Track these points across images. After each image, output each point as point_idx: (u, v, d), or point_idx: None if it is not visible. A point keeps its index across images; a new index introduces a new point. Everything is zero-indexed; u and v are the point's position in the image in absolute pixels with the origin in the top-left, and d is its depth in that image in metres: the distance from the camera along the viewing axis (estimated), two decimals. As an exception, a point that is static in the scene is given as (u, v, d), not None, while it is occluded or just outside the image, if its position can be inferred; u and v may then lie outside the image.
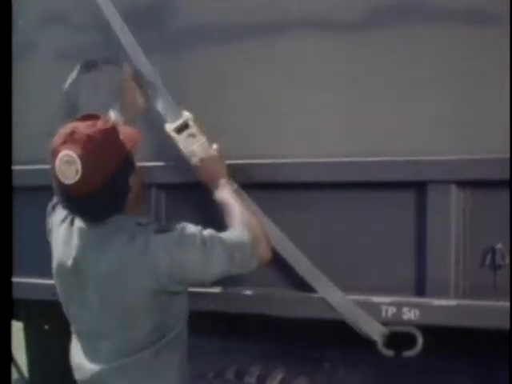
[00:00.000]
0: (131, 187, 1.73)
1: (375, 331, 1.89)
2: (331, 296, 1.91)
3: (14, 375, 2.73)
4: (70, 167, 1.61)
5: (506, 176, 1.74)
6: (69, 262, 1.75)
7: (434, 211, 1.83)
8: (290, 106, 1.99)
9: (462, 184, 1.82)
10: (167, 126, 1.99)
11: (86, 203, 1.67)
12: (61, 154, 1.62)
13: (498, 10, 1.79)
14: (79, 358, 1.81)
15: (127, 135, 1.72)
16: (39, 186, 2.09)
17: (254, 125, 2.03)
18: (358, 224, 1.93)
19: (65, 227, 1.80)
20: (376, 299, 1.88)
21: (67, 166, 1.61)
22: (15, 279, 2.27)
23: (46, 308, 2.30)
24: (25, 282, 2.30)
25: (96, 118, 1.69)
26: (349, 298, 1.90)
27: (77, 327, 1.82)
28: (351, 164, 1.91)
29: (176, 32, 2.13)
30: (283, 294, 1.99)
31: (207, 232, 1.70)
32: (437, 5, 1.84)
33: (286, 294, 1.99)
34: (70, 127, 1.66)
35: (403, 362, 1.92)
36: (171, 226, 1.70)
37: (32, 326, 2.93)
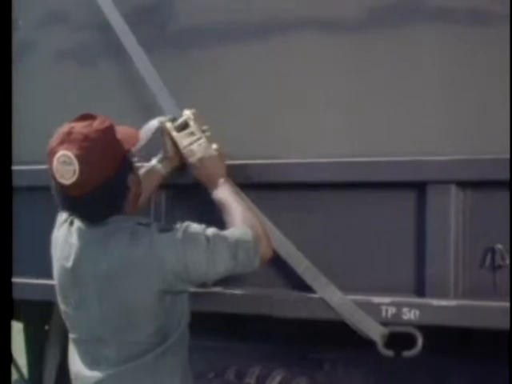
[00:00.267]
0: (130, 187, 1.72)
1: (375, 331, 1.88)
2: (331, 296, 1.91)
3: (14, 376, 2.74)
4: (67, 167, 1.61)
5: (506, 176, 1.74)
6: (68, 263, 1.74)
7: (434, 211, 1.83)
8: (290, 106, 1.99)
9: (462, 184, 1.82)
10: (167, 124, 1.98)
11: (84, 203, 1.66)
12: (58, 155, 1.62)
13: (498, 10, 1.79)
14: (78, 366, 1.78)
15: (126, 135, 1.72)
16: (39, 186, 2.08)
17: (253, 125, 2.03)
18: (358, 224, 1.93)
19: (65, 228, 1.80)
20: (376, 299, 1.88)
21: (64, 166, 1.61)
22: (15, 279, 2.26)
23: (46, 308, 2.30)
24: (25, 283, 2.30)
25: (93, 118, 1.68)
26: (348, 298, 1.90)
27: (76, 334, 1.79)
28: (351, 164, 1.91)
29: (176, 32, 2.13)
30: (283, 295, 1.99)
31: (211, 230, 1.70)
32: (437, 5, 1.84)
33: (285, 295, 1.99)
34: (66, 127, 1.66)
35: (403, 363, 1.92)
36: (175, 225, 1.69)
37: (32, 327, 2.94)
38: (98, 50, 2.24)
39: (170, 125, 1.97)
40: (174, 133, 1.96)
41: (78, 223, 1.75)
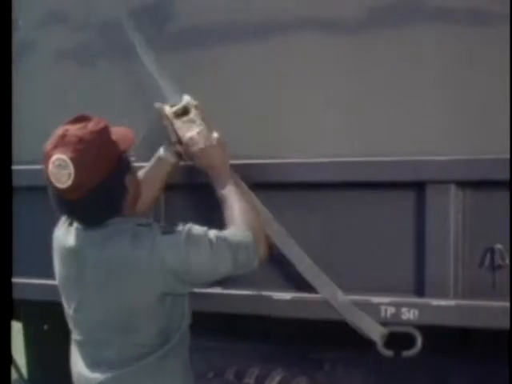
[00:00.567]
0: (128, 188, 1.71)
1: (374, 331, 1.88)
2: (331, 295, 1.91)
3: (14, 375, 2.73)
4: (62, 171, 1.60)
5: (505, 176, 1.74)
6: (68, 265, 1.74)
7: (434, 211, 1.83)
8: (290, 106, 1.99)
9: (462, 184, 1.82)
10: (166, 109, 1.91)
11: (81, 207, 1.65)
12: (53, 158, 1.61)
13: (498, 10, 1.79)
14: (79, 367, 1.78)
15: (121, 135, 1.70)
16: (39, 186, 2.07)
17: (253, 125, 2.03)
18: (358, 224, 1.93)
19: (64, 229, 1.79)
20: (375, 299, 1.88)
21: (59, 169, 1.60)
22: (15, 279, 2.26)
23: (46, 308, 2.30)
24: (25, 283, 2.29)
25: (88, 120, 1.67)
26: (348, 298, 1.90)
27: (77, 335, 1.79)
28: (351, 164, 1.91)
29: (176, 32, 2.13)
30: (283, 295, 1.99)
31: (213, 233, 1.69)
32: (437, 5, 1.84)
33: (285, 295, 1.99)
34: (61, 130, 1.65)
35: (403, 363, 1.92)
36: (177, 227, 1.68)
37: (32, 327, 2.94)
38: (98, 50, 2.24)
39: (169, 109, 1.91)
40: (173, 119, 1.90)
41: (77, 227, 1.74)
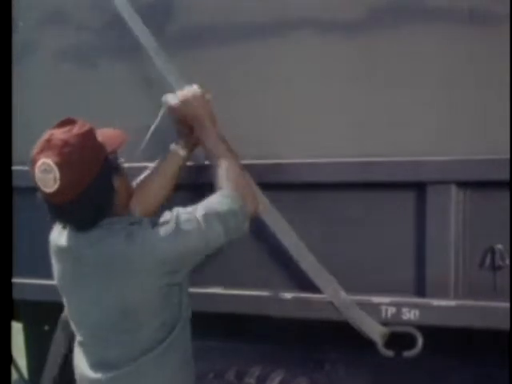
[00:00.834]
0: (116, 189, 1.70)
1: (375, 331, 1.88)
2: (333, 295, 1.91)
3: (14, 376, 2.73)
4: (48, 176, 1.59)
5: (505, 176, 1.74)
6: (65, 267, 1.75)
7: (434, 211, 1.83)
8: (290, 106, 1.99)
9: (462, 184, 1.82)
10: (168, 97, 1.92)
11: (69, 211, 1.65)
12: (38, 163, 1.60)
13: (498, 10, 1.78)
14: (82, 367, 1.79)
15: (108, 137, 1.69)
16: (39, 186, 2.08)
17: (253, 125, 2.03)
18: (358, 224, 1.93)
19: (59, 231, 1.79)
20: (376, 299, 1.88)
21: (45, 174, 1.59)
22: (15, 280, 2.27)
23: (46, 308, 2.30)
24: (25, 283, 2.30)
25: (73, 123, 1.66)
26: (349, 298, 1.90)
27: (79, 336, 1.80)
28: (351, 164, 1.91)
29: (176, 32, 2.13)
30: (283, 295, 1.99)
31: (201, 209, 1.69)
32: (437, 5, 1.84)
33: (286, 295, 1.99)
34: (47, 134, 1.64)
35: (403, 363, 1.92)
36: (165, 218, 1.68)
37: (32, 327, 2.93)
38: (98, 50, 2.24)
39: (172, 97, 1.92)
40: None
41: (70, 229, 1.74)
